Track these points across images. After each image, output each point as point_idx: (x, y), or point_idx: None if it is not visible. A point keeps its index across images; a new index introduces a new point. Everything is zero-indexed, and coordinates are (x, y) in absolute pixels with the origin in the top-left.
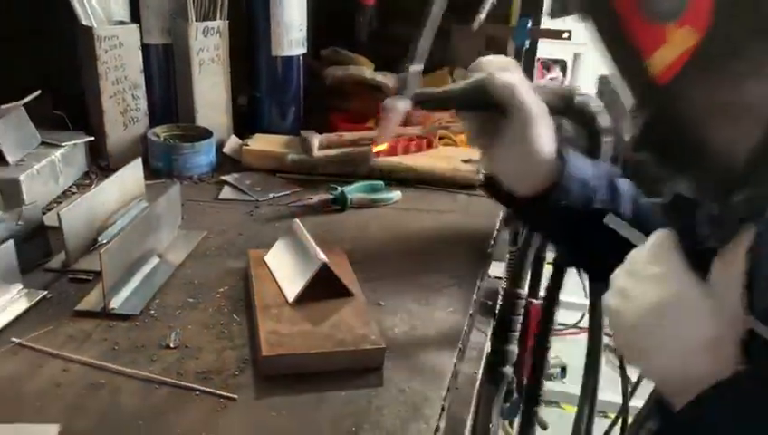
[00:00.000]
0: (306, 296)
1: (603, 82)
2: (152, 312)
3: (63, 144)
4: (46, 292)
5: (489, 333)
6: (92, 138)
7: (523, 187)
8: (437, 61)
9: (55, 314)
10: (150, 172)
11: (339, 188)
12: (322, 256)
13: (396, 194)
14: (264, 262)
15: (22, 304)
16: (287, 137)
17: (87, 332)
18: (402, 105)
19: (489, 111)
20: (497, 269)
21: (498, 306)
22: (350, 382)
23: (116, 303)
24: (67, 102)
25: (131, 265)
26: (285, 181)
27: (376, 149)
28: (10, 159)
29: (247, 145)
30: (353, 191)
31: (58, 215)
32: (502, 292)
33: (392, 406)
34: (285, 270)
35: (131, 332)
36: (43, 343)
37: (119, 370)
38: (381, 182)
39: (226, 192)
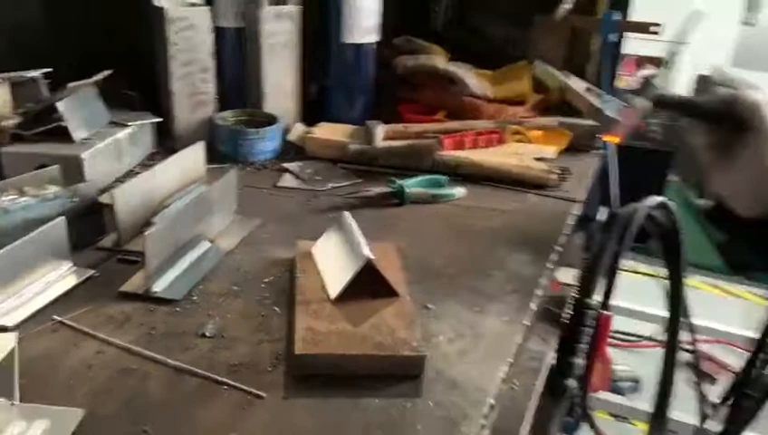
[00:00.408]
0: (348, 294)
1: (705, 81)
2: (194, 298)
3: (131, 124)
4: (94, 271)
5: (553, 344)
6: (160, 119)
7: (755, 208)
8: (518, 52)
9: (99, 294)
10: (216, 156)
11: (397, 181)
12: (367, 253)
13: (458, 190)
14: (311, 254)
15: (69, 282)
16: (352, 127)
17: (127, 314)
18: (641, 104)
19: (727, 127)
20: (568, 275)
21: (566, 315)
22: (386, 390)
23: (159, 286)
24: (141, 83)
25: (179, 248)
26: (346, 172)
27: (607, 138)
28: (76, 136)
29: (311, 133)
30: (413, 185)
31: (111, 193)
32: (571, 300)
33: (427, 420)
34: (331, 264)
35: (171, 317)
36: (83, 323)
37: (151, 356)
38: (444, 177)
39: (286, 180)
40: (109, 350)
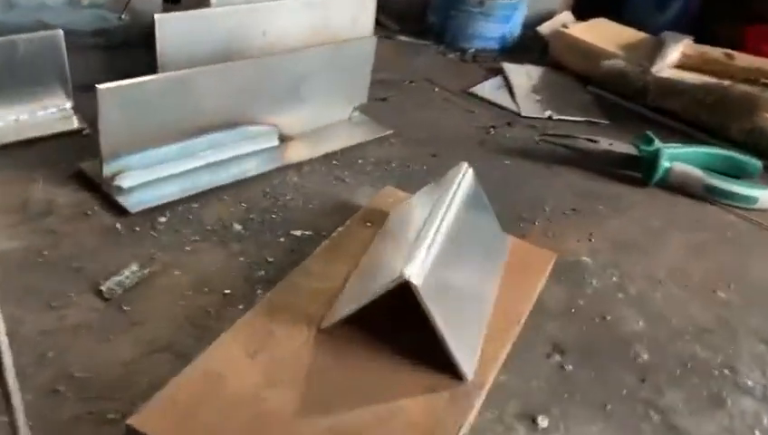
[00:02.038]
0: (358, 329)
1: None
2: (161, 220)
3: None
4: (88, 127)
5: None
6: None
7: None
8: None
9: (63, 158)
10: (421, 29)
11: (656, 142)
12: (410, 272)
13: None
14: (388, 218)
15: (45, 128)
16: (642, 35)
17: (51, 204)
18: None
19: None
20: None
21: None
22: None
23: (125, 181)
24: None
25: (195, 132)
26: (592, 102)
27: None
28: None
29: (566, 27)
30: (680, 157)
31: (154, 18)
32: None
33: None
34: (379, 254)
35: (92, 238)
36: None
37: None
38: (757, 162)
39: (486, 88)
40: None
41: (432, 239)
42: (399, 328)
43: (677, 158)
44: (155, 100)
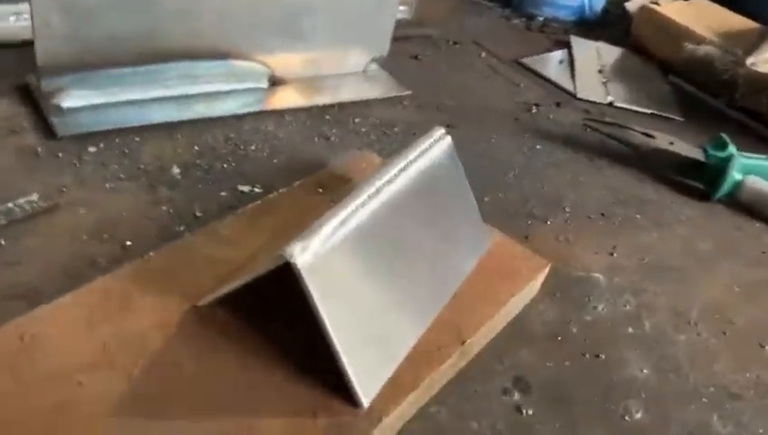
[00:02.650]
0: (243, 319)
1: None
2: (89, 151)
3: None
4: None
5: None
6: None
7: None
8: None
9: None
10: None
11: (730, 147)
12: (295, 251)
13: None
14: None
15: None
16: (749, 23)
17: None
18: None
19: None
20: None
21: None
22: None
23: (65, 101)
24: None
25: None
26: (670, 94)
27: None
28: None
29: (656, 4)
30: (758, 171)
31: None
32: None
33: None
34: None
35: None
36: None
37: None
38: None
39: (541, 62)
40: None
41: (349, 215)
42: (293, 328)
43: (754, 171)
44: (105, 9)
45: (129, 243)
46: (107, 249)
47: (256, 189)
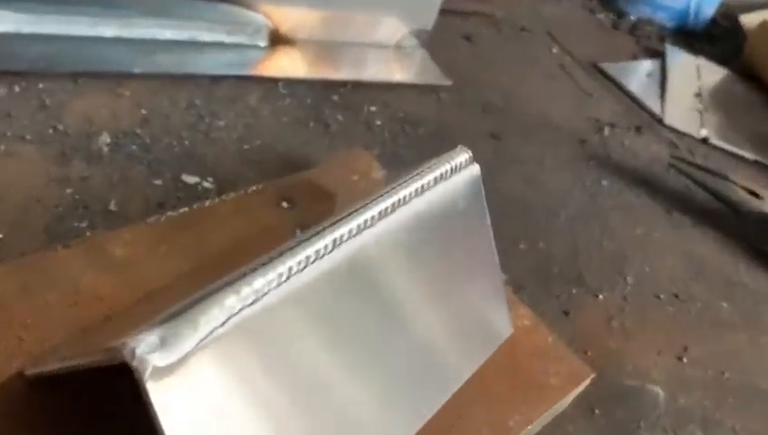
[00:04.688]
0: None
1: None
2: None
3: None
4: None
5: None
6: None
7: None
8: None
9: None
10: None
11: None
12: (139, 344)
13: None
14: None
15: None
16: None
17: None
18: None
19: None
20: None
21: None
22: None
23: None
24: None
25: None
26: None
27: None
28: None
29: None
30: None
31: None
32: None
33: None
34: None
35: None
36: None
37: None
38: None
39: (632, 70)
40: None
41: (286, 274)
42: None
43: None
44: None
45: (0, 236)
46: None
47: (206, 184)
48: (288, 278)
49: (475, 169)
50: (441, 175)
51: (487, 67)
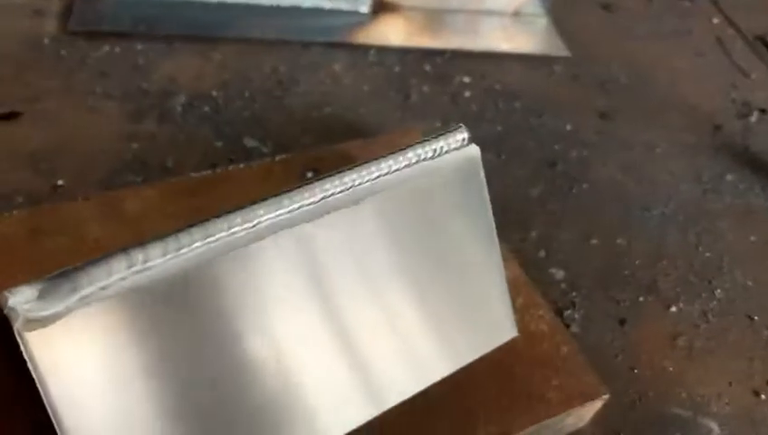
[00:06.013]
0: None
1: None
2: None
3: None
4: None
5: None
6: None
7: None
8: None
9: None
10: None
11: None
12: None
13: None
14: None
15: None
16: None
17: None
18: None
19: None
20: None
21: None
22: None
23: None
24: None
25: None
26: None
27: None
28: None
29: None
30: None
31: None
32: None
33: None
34: None
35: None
36: None
37: None
38: None
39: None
40: None
41: (176, 251)
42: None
43: None
44: None
45: (61, 182)
46: (32, 185)
47: (264, 148)
48: (196, 249)
49: (473, 150)
50: (426, 153)
51: (621, 40)
